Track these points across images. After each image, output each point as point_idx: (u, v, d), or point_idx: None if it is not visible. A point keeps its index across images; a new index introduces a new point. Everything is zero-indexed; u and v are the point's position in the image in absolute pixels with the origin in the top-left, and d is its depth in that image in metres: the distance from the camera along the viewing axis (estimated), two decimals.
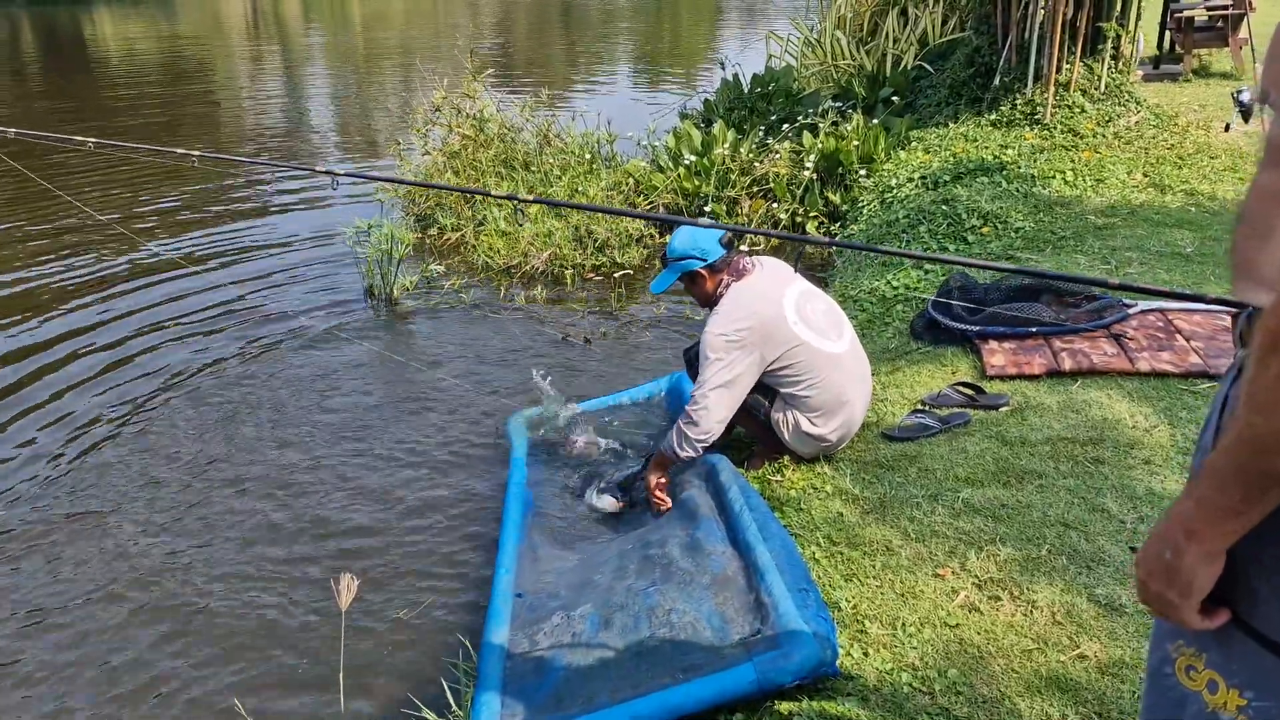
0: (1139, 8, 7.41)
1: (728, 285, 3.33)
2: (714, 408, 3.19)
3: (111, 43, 24.63)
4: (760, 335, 3.19)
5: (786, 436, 3.36)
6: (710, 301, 3.37)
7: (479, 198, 7.21)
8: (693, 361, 3.62)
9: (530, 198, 3.19)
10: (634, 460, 3.85)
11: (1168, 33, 10.24)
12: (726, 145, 7.32)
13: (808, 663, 2.23)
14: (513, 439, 4.11)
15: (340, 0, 37.22)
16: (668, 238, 6.96)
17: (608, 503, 3.59)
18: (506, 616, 2.80)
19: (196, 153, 3.00)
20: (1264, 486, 0.89)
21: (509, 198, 3.22)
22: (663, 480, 3.37)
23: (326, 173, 2.87)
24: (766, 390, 3.34)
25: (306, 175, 8.98)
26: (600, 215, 6.72)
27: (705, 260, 3.32)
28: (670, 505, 3.32)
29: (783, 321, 3.23)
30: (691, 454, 3.25)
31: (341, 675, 2.88)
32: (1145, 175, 6.23)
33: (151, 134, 11.70)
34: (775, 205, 6.95)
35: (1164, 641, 1.10)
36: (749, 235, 6.78)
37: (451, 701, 2.70)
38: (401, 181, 6.66)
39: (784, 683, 2.23)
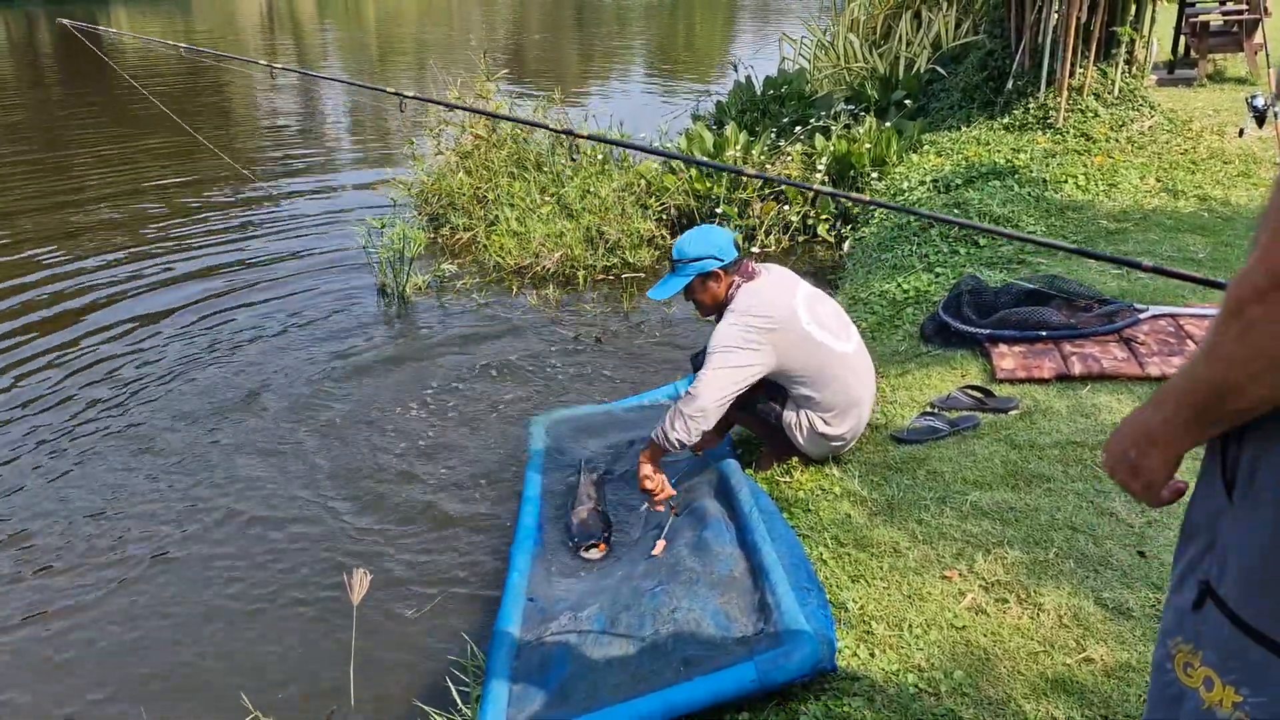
0: (1153, 12, 7.39)
1: (738, 287, 3.29)
2: (713, 385, 3.09)
3: (129, 41, 24.78)
4: (775, 334, 3.16)
5: (800, 439, 3.35)
6: (718, 306, 3.32)
7: (492, 197, 7.24)
8: (700, 366, 3.60)
9: (584, 134, 3.22)
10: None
11: (1183, 37, 10.21)
12: (738, 147, 7.33)
13: (807, 661, 2.24)
14: (531, 442, 4.10)
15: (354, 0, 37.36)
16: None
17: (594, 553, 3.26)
18: (517, 616, 2.82)
19: (395, 90, 3.24)
20: (1215, 418, 1.01)
21: (566, 132, 3.27)
22: (651, 474, 3.20)
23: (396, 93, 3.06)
24: (778, 392, 3.33)
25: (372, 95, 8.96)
26: (611, 217, 6.74)
27: (722, 261, 3.26)
28: (668, 493, 3.20)
29: (796, 322, 3.21)
30: (682, 437, 3.10)
31: (352, 669, 2.91)
32: (1158, 180, 6.22)
33: (168, 128, 11.75)
34: (787, 207, 6.95)
35: (1165, 638, 1.12)
36: (759, 238, 6.80)
37: (458, 699, 2.72)
38: (467, 109, 6.53)
39: (784, 680, 2.24)
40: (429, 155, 7.97)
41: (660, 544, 3.07)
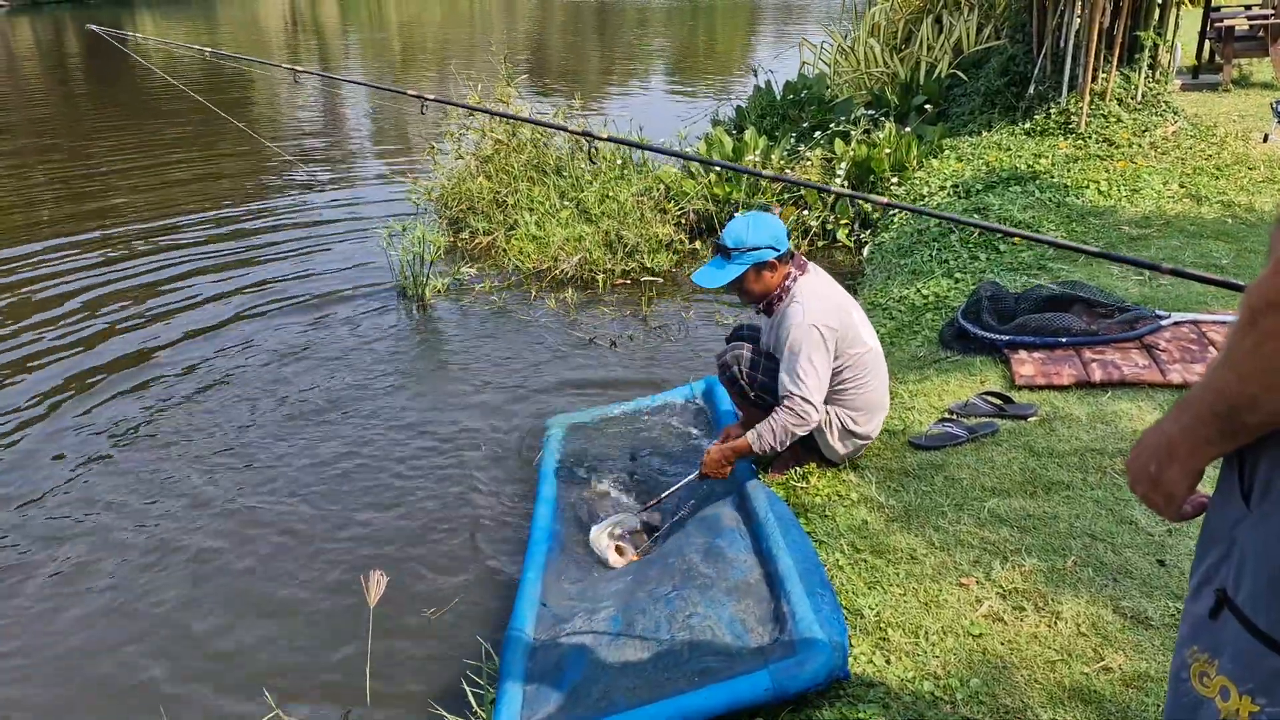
0: (1177, 17, 7.33)
1: (794, 279, 3.22)
2: (820, 400, 3.11)
3: (153, 43, 25.02)
4: (841, 336, 3.16)
5: (831, 438, 3.32)
6: (768, 296, 3.25)
7: (511, 202, 7.26)
8: (728, 366, 3.52)
9: (603, 136, 3.21)
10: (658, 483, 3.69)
11: (1207, 42, 10.13)
12: (758, 152, 7.32)
13: (822, 671, 2.24)
14: (547, 444, 4.11)
15: (377, 6, 37.58)
16: (698, 244, 6.99)
17: (613, 555, 3.28)
18: (531, 617, 2.83)
19: (417, 92, 3.32)
20: (1234, 430, 0.99)
21: (584, 134, 3.27)
22: (722, 466, 3.24)
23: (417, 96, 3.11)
24: None
25: (393, 95, 9.17)
26: (630, 221, 6.74)
27: (779, 251, 3.18)
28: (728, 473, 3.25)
29: (851, 319, 3.21)
30: (778, 448, 3.16)
31: (368, 669, 2.92)
32: (1181, 186, 6.16)
33: (191, 130, 11.87)
34: (806, 212, 6.94)
35: (1182, 647, 1.11)
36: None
37: (473, 701, 2.73)
38: (485, 110, 6.67)
39: (798, 690, 2.24)
40: (449, 159, 8.01)
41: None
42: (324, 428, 4.64)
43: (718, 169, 7.26)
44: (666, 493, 3.35)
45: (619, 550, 3.28)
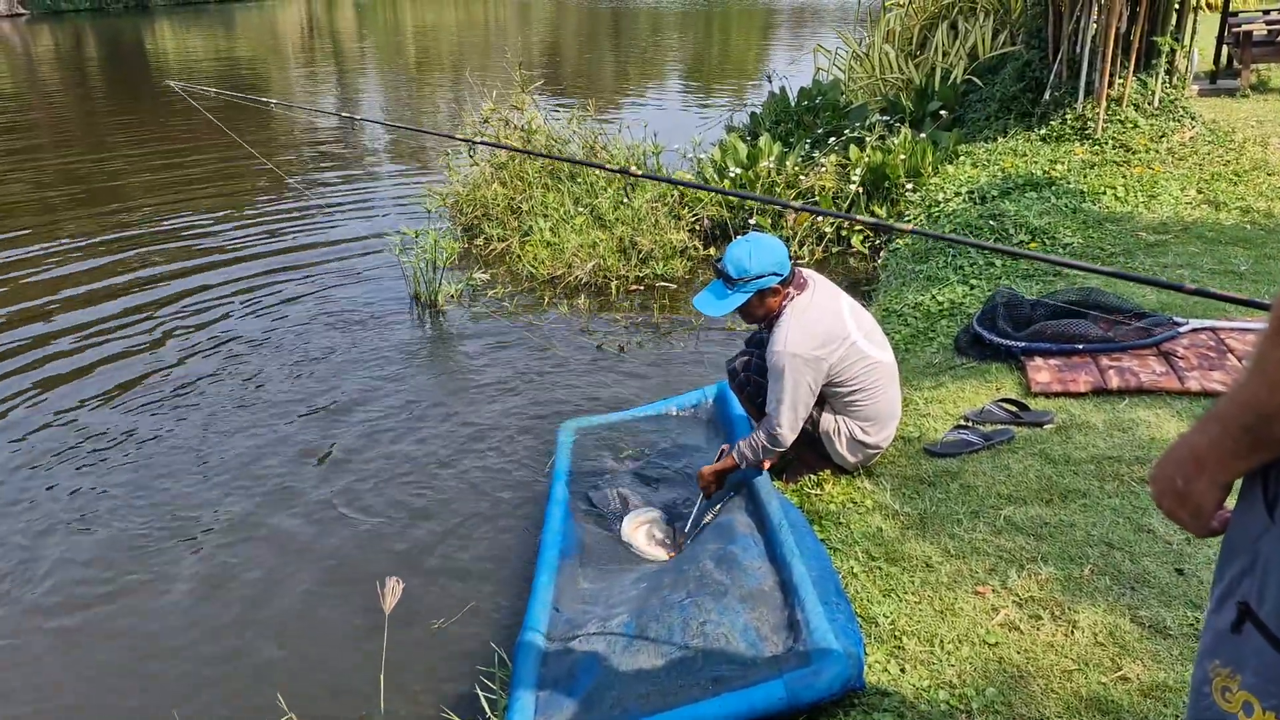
0: (1194, 22, 7.30)
1: (791, 299, 3.22)
2: (792, 427, 3.17)
3: (171, 49, 25.26)
4: (830, 356, 3.16)
5: (840, 447, 3.33)
6: (769, 316, 3.26)
7: (526, 208, 7.28)
8: (736, 373, 3.55)
9: (639, 172, 3.22)
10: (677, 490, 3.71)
11: (1225, 47, 10.08)
12: (772, 158, 7.31)
13: (837, 680, 2.23)
14: (559, 447, 4.12)
15: (394, 14, 37.78)
16: (713, 250, 6.98)
17: (652, 547, 3.36)
18: (544, 622, 2.82)
19: (465, 137, 3.39)
20: (1264, 443, 0.98)
21: (622, 171, 3.28)
22: (714, 483, 3.38)
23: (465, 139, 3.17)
24: (818, 401, 3.31)
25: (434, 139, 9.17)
26: (644, 228, 6.74)
27: (782, 275, 3.18)
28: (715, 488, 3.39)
29: (848, 340, 3.19)
30: (761, 459, 3.28)
31: (382, 676, 2.92)
32: (1199, 192, 6.12)
33: (209, 136, 11.94)
34: (820, 219, 6.92)
35: (1203, 660, 1.09)
36: (793, 249, 6.77)
37: (486, 707, 2.72)
38: (535, 154, 6.80)
39: (813, 699, 2.23)
40: (465, 166, 8.03)
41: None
42: (334, 433, 4.66)
43: (731, 178, 7.26)
44: (689, 525, 3.37)
45: (660, 545, 3.35)
